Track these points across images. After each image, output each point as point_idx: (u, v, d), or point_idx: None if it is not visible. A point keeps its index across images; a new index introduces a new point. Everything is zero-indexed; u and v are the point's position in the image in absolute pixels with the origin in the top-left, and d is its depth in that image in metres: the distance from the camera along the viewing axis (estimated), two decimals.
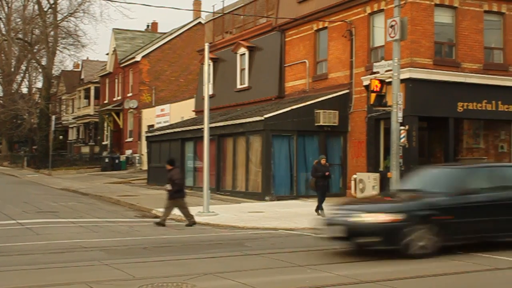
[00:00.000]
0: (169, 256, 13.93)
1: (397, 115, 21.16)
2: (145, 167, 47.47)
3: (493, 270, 12.08)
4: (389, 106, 21.45)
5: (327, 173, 22.47)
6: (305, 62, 32.88)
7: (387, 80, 21.58)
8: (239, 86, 38.03)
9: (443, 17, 27.37)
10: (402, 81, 23.06)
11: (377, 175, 27.19)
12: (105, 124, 64.43)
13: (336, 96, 29.95)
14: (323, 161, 22.43)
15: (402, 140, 22.49)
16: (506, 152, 28.91)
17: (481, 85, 27.22)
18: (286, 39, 34.63)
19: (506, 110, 27.92)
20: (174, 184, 20.26)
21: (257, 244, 16.07)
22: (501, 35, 28.53)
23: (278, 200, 28.13)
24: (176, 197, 20.34)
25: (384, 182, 26.00)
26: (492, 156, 29.03)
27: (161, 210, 21.52)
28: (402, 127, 22.35)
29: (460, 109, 26.96)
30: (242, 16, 38.48)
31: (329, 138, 30.23)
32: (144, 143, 47.91)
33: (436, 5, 26.93)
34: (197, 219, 20.87)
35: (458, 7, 27.30)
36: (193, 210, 21.33)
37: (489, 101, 27.57)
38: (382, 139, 28.21)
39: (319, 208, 21.98)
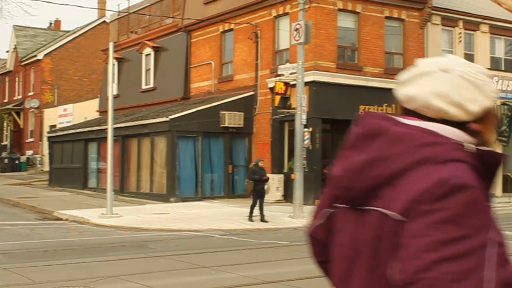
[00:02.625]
0: (70, 259, 13.63)
1: (301, 117, 21.46)
2: (46, 168, 46.25)
3: None
4: (293, 109, 21.72)
5: (265, 177, 21.81)
6: (211, 63, 32.90)
7: (291, 83, 21.85)
8: (144, 87, 37.64)
9: (346, 21, 28.02)
10: (306, 83, 23.42)
11: (281, 176, 27.51)
12: (5, 124, 62.36)
13: (242, 97, 30.10)
14: (260, 164, 21.81)
15: (306, 142, 22.85)
16: None
17: (382, 89, 27.97)
18: (192, 40, 34.54)
19: None
20: None
21: (161, 246, 15.96)
22: (401, 41, 29.46)
23: (183, 201, 28.00)
24: None
25: (288, 184, 26.34)
26: None
27: (64, 212, 21.02)
28: (306, 129, 22.71)
29: (361, 112, 27.55)
30: (147, 16, 38.11)
31: (234, 139, 30.35)
32: (45, 143, 46.66)
33: (340, 10, 27.53)
34: (100, 221, 20.51)
35: (361, 12, 28.01)
36: (96, 212, 20.94)
37: (390, 104, 28.39)
38: (286, 141, 28.56)
39: (260, 212, 20.97)
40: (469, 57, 32.72)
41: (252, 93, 30.14)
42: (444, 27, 32.00)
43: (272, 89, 25.40)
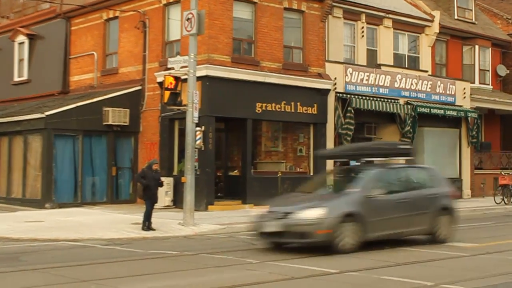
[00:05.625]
0: None
1: (192, 115, 21.35)
2: None
3: (289, 279, 12.52)
4: (184, 105, 21.58)
5: (160, 181, 21.28)
6: (93, 54, 32.29)
7: (182, 77, 21.69)
8: (17, 79, 36.53)
9: (242, 12, 28.12)
10: (199, 78, 23.34)
11: (170, 179, 27.30)
12: None
13: (127, 93, 29.72)
14: (155, 167, 21.24)
15: (197, 142, 22.76)
16: (305, 155, 30.26)
17: (280, 85, 28.29)
18: (72, 28, 33.80)
19: (305, 112, 29.22)
20: None
21: (34, 258, 15.44)
22: (301, 34, 29.84)
23: (60, 207, 27.32)
24: None
25: (178, 188, 26.17)
26: (291, 159, 30.26)
27: None
28: (198, 128, 22.63)
29: (258, 110, 27.81)
30: (21, 0, 37.04)
31: (119, 139, 29.91)
32: None
33: None
34: None
35: (258, 2, 28.18)
36: None
37: (288, 102, 28.71)
38: (176, 141, 28.40)
39: (147, 220, 20.40)
40: (372, 53, 33.65)
41: (139, 88, 29.78)
42: (346, 21, 32.71)
43: (161, 83, 25.15)
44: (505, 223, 24.03)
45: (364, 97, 30.77)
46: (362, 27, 33.21)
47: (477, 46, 39.28)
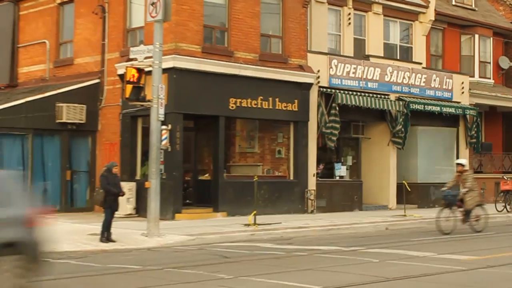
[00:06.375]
0: None
1: (157, 111, 21.29)
2: None
3: None
4: (149, 101, 21.52)
5: (122, 192, 21.07)
6: (45, 42, 32.14)
7: (146, 69, 21.64)
8: None
9: None
10: (165, 70, 23.26)
11: (133, 184, 27.21)
12: None
13: (84, 86, 29.61)
14: (115, 170, 21.01)
15: (163, 143, 22.68)
16: (284, 157, 30.29)
17: (257, 78, 28.27)
18: (21, 13, 33.62)
19: (285, 109, 29.24)
20: None
21: None
22: (280, 21, 29.86)
23: None
24: None
25: (141, 194, 26.08)
26: (268, 162, 30.28)
27: None
28: (163, 127, 22.55)
29: (232, 107, 27.79)
30: None
31: (74, 138, 29.78)
32: None
33: None
34: None
35: None
36: None
37: (266, 97, 28.71)
38: (139, 141, 28.32)
39: (106, 230, 20.30)
40: (360, 43, 33.77)
41: (97, 81, 29.69)
42: (330, 6, 32.83)
43: (122, 76, 25.03)
44: (508, 233, 24.22)
45: (350, 92, 30.85)
46: (349, 14, 33.34)
47: (477, 36, 39.57)
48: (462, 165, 24.74)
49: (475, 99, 37.20)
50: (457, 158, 35.87)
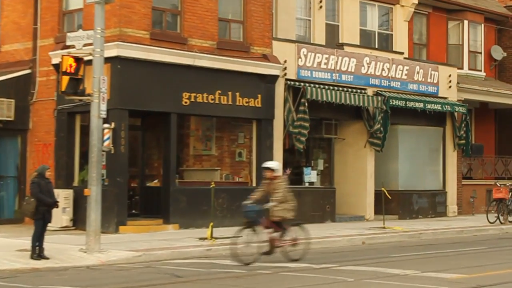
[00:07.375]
0: None
1: (99, 107, 21.22)
2: None
3: None
4: (88, 95, 21.44)
5: (56, 202, 20.88)
6: None
7: (86, 58, 21.55)
8: None
9: None
10: (108, 60, 23.21)
11: (69, 192, 27.10)
12: None
13: (12, 78, 29.49)
14: (48, 174, 20.76)
15: (106, 144, 22.61)
16: (246, 161, 30.32)
17: (214, 70, 28.28)
18: None
19: (246, 105, 29.28)
20: None
21: None
22: (242, 4, 29.91)
23: None
24: None
25: (79, 203, 25.97)
26: (227, 166, 30.31)
27: None
28: (106, 125, 22.48)
29: (186, 102, 27.76)
30: None
31: (1, 138, 29.63)
32: None
33: None
34: None
35: None
36: None
37: (224, 92, 28.74)
38: (77, 142, 28.23)
39: (37, 246, 20.01)
40: (332, 29, 33.92)
41: (28, 71, 29.54)
42: None
43: (57, 66, 24.87)
44: (501, 248, 24.46)
45: (322, 86, 31.00)
46: None
47: (466, 22, 39.90)
48: (272, 170, 20.76)
49: (464, 94, 37.53)
50: (444, 162, 36.18)
